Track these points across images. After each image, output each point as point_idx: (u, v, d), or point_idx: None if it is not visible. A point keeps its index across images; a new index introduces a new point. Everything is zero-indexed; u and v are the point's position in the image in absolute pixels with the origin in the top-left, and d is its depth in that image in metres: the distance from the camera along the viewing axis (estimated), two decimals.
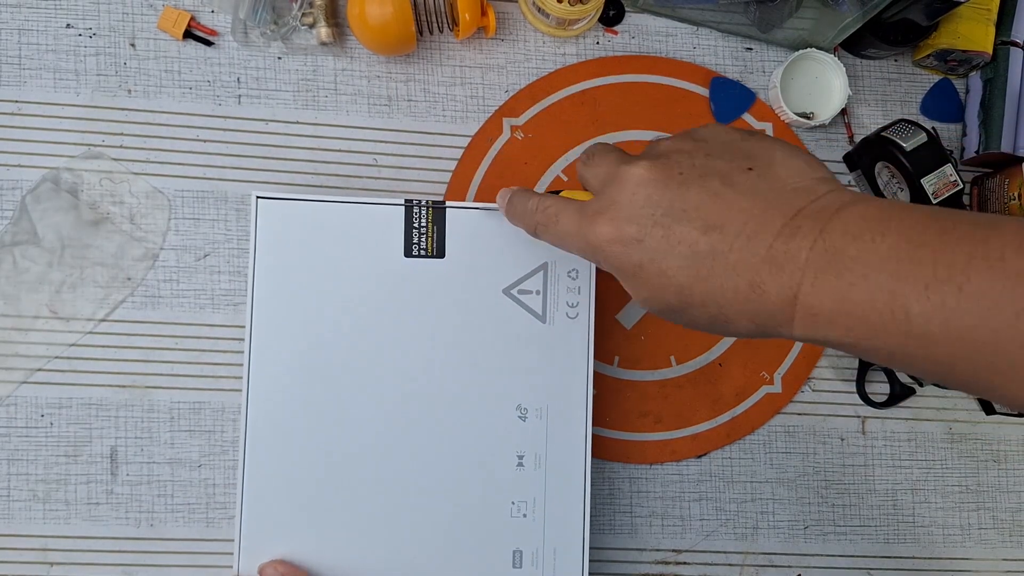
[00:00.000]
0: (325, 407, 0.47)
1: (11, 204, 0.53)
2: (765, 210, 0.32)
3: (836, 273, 0.30)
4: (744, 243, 0.32)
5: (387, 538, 0.47)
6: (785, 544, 0.57)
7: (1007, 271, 0.27)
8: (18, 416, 0.53)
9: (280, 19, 0.55)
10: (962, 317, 0.28)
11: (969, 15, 0.58)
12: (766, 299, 0.32)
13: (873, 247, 0.30)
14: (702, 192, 0.33)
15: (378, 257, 0.48)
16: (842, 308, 0.30)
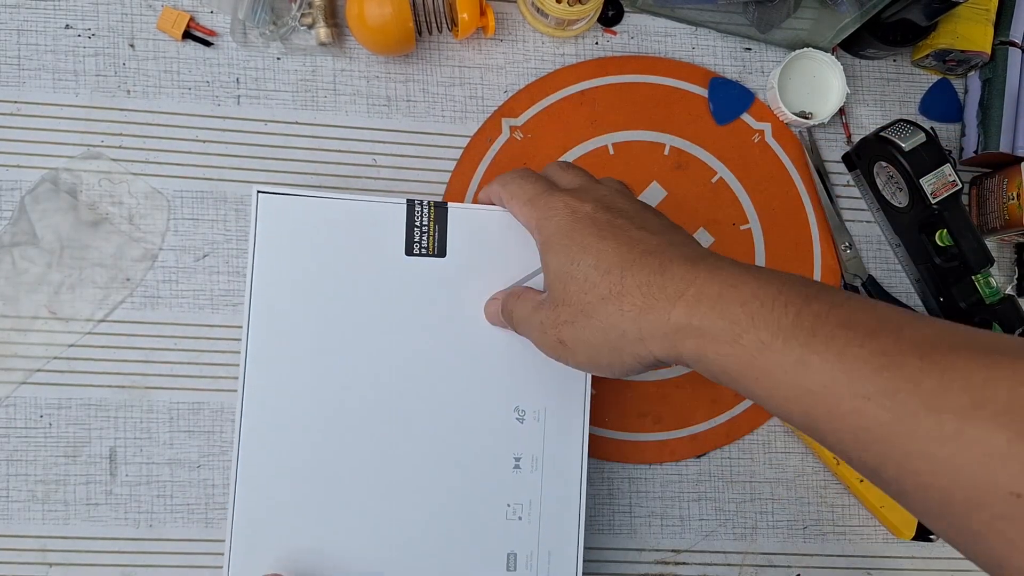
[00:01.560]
0: (321, 406, 0.46)
1: (10, 205, 0.53)
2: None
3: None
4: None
5: (382, 539, 0.46)
6: (784, 544, 0.57)
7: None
8: (17, 417, 0.52)
9: (279, 19, 0.55)
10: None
11: (968, 15, 0.58)
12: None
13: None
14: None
15: (379, 255, 0.47)
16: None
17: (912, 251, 0.59)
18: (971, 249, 0.55)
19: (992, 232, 0.59)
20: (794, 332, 0.31)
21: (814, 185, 0.60)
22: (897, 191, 0.58)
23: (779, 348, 0.32)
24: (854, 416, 0.30)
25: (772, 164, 0.60)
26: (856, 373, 0.30)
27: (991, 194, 0.59)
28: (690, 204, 0.59)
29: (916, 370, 0.28)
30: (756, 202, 0.59)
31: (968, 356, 0.28)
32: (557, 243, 0.39)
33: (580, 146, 0.58)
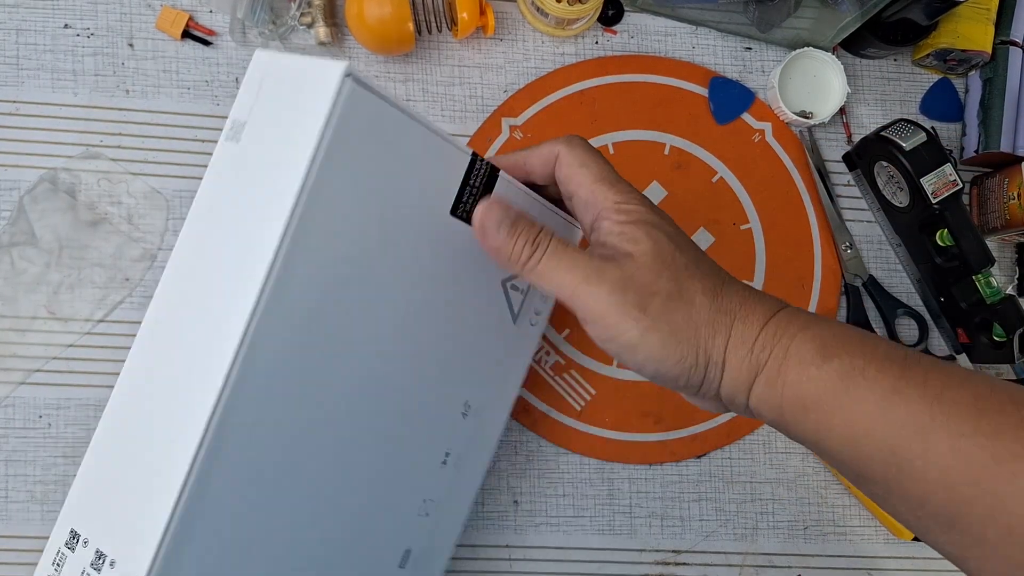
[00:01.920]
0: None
1: (9, 205, 0.53)
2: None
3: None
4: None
5: (301, 517, 0.38)
6: (785, 544, 0.57)
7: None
8: (16, 417, 0.52)
9: (278, 19, 0.55)
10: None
11: (968, 14, 0.58)
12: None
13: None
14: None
15: (428, 207, 0.39)
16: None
17: (913, 251, 0.59)
18: (972, 249, 0.55)
19: (993, 232, 0.59)
20: (887, 364, 0.31)
21: (814, 185, 0.60)
22: (898, 191, 0.58)
23: (872, 375, 0.31)
24: (952, 455, 0.29)
25: (772, 164, 0.59)
26: (955, 413, 0.29)
27: (992, 194, 0.59)
28: (690, 204, 0.58)
29: (1016, 414, 0.29)
30: (756, 202, 0.59)
31: None
32: (656, 223, 0.36)
33: None
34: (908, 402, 0.30)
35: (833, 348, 0.32)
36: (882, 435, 0.31)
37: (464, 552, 0.54)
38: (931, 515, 0.30)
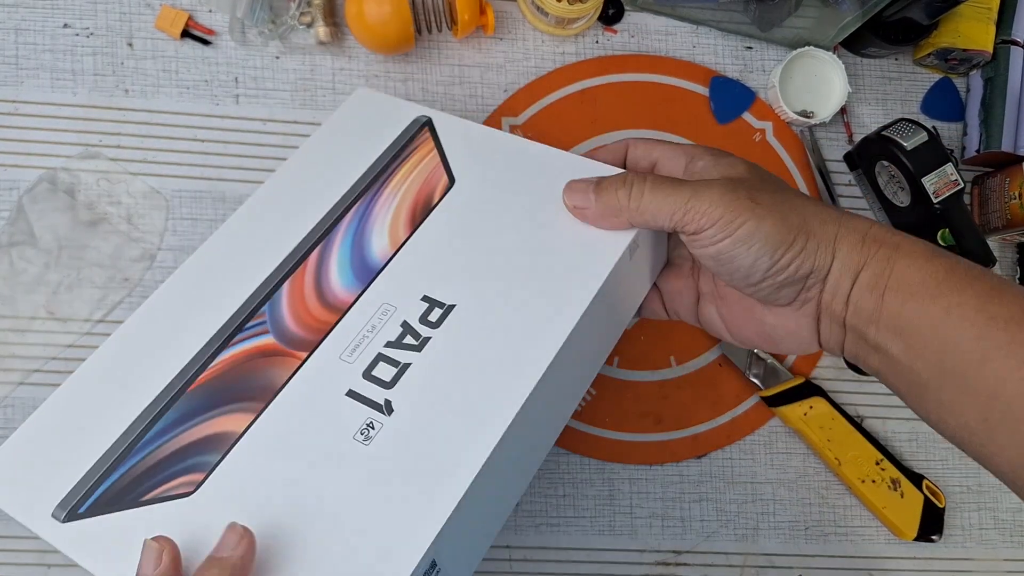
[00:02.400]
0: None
1: (8, 204, 0.53)
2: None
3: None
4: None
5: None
6: (786, 545, 0.57)
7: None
8: (15, 417, 0.52)
9: (278, 18, 0.55)
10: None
11: (970, 14, 0.58)
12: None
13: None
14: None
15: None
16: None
17: None
18: (973, 248, 0.55)
19: (994, 231, 0.59)
20: (985, 272, 0.35)
21: (815, 184, 0.59)
22: (899, 190, 0.58)
23: (974, 276, 0.34)
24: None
25: (773, 163, 0.59)
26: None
27: (993, 193, 0.59)
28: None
29: None
30: None
31: None
32: (747, 160, 0.39)
33: (580, 145, 0.58)
34: (1002, 299, 0.33)
35: (939, 251, 0.35)
36: (975, 322, 0.33)
37: None
38: (1004, 409, 0.32)
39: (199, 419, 0.39)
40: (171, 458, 0.38)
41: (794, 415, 0.56)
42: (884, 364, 0.36)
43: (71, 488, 0.38)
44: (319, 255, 0.44)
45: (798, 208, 0.36)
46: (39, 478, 0.38)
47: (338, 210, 0.45)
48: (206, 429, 0.39)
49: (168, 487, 0.38)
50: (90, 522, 0.37)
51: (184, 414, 0.40)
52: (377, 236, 0.44)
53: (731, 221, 0.36)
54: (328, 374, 0.40)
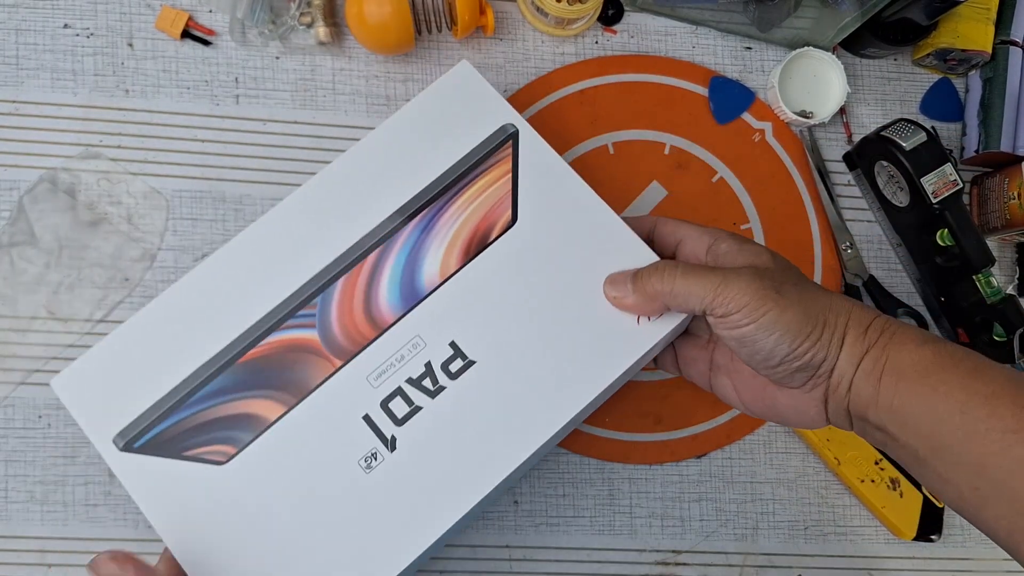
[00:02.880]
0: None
1: (8, 205, 0.53)
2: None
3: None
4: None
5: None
6: (785, 544, 0.57)
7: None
8: (16, 417, 0.52)
9: (278, 19, 0.55)
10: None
11: (968, 14, 0.58)
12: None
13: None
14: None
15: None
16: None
17: (913, 251, 0.59)
18: (972, 248, 0.55)
19: (993, 231, 0.59)
20: (970, 354, 0.38)
21: (815, 184, 0.59)
22: (898, 190, 0.58)
23: (959, 357, 0.37)
24: (1014, 419, 0.34)
25: (773, 163, 0.59)
26: (1021, 387, 0.36)
27: (992, 193, 0.59)
28: (690, 203, 0.58)
29: None
30: (757, 202, 0.59)
31: None
32: (767, 249, 0.43)
33: (580, 145, 0.58)
34: (983, 377, 0.36)
35: (929, 338, 0.39)
36: (958, 400, 0.36)
37: (464, 552, 0.54)
38: (990, 481, 0.35)
39: (240, 394, 0.43)
40: (213, 424, 0.43)
41: None
42: (887, 441, 0.39)
43: (130, 422, 0.43)
44: (376, 259, 0.45)
45: (819, 300, 0.40)
46: (109, 400, 0.43)
47: (407, 211, 0.46)
48: (245, 406, 0.43)
49: (206, 450, 0.43)
50: (140, 458, 0.42)
51: (229, 385, 0.43)
52: (431, 259, 0.46)
53: (756, 308, 0.39)
54: (352, 392, 0.44)
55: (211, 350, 0.43)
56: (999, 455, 0.34)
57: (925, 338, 0.38)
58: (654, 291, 0.42)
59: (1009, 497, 0.34)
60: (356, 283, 0.45)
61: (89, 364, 0.44)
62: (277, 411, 0.43)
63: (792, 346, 0.39)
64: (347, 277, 0.45)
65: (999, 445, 0.34)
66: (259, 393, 0.43)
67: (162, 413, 0.43)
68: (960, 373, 0.37)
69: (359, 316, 0.45)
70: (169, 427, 0.43)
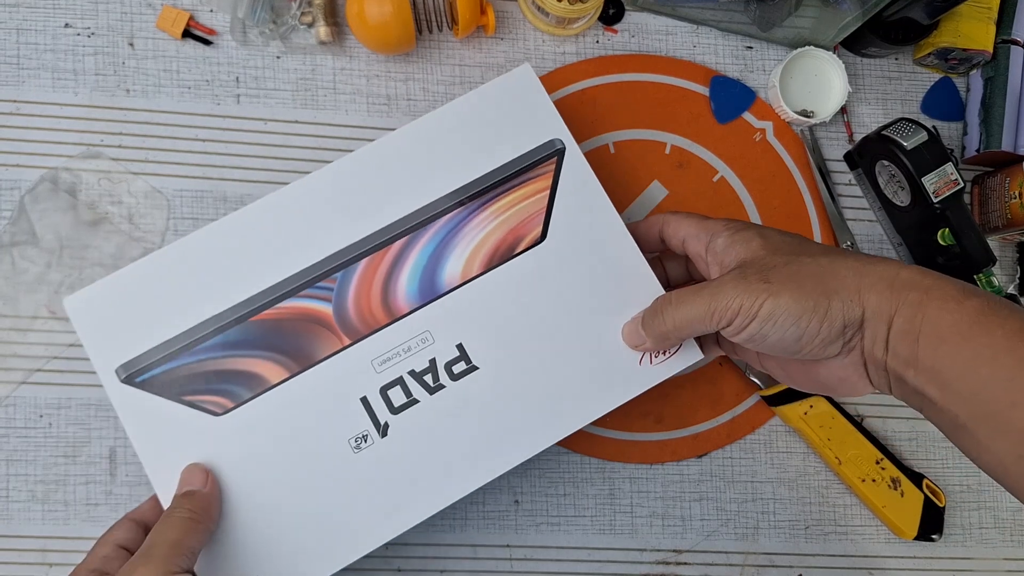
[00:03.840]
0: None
1: (9, 204, 0.53)
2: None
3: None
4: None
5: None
6: (786, 544, 0.57)
7: None
8: (17, 417, 0.52)
9: (279, 18, 0.55)
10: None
11: (970, 13, 0.58)
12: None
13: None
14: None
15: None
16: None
17: (914, 250, 0.59)
18: (973, 248, 0.55)
19: (994, 231, 0.59)
20: (1019, 310, 0.34)
21: (816, 184, 0.59)
22: (899, 190, 0.58)
23: (1005, 315, 0.34)
24: None
25: (773, 163, 0.59)
26: None
27: (993, 193, 0.59)
28: (691, 203, 0.58)
29: None
30: (757, 201, 0.59)
31: None
32: (758, 227, 0.42)
33: (581, 145, 0.57)
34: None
35: (970, 291, 0.35)
36: (1006, 364, 0.33)
37: (464, 552, 0.54)
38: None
39: (247, 352, 0.44)
40: (215, 375, 0.43)
41: (794, 414, 0.56)
42: (925, 406, 0.37)
43: (136, 356, 0.43)
44: (402, 247, 0.46)
45: (813, 272, 0.38)
46: (117, 329, 0.44)
47: (440, 207, 0.46)
48: (248, 364, 0.44)
49: (204, 399, 0.43)
50: (140, 393, 0.43)
51: (237, 341, 0.44)
52: (455, 258, 0.46)
53: (751, 307, 0.38)
54: (355, 373, 0.44)
55: (227, 302, 0.44)
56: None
57: (967, 292, 0.35)
58: (662, 332, 0.43)
59: None
60: (378, 267, 0.45)
61: (105, 290, 0.44)
62: (280, 375, 0.44)
63: (800, 327, 0.37)
64: (370, 259, 0.45)
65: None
66: (265, 355, 0.44)
67: (169, 354, 0.43)
68: (1007, 333, 0.34)
69: (375, 300, 0.45)
70: (173, 369, 0.43)
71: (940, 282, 0.36)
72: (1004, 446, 0.34)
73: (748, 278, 0.39)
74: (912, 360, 0.36)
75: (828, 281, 0.37)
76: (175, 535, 0.38)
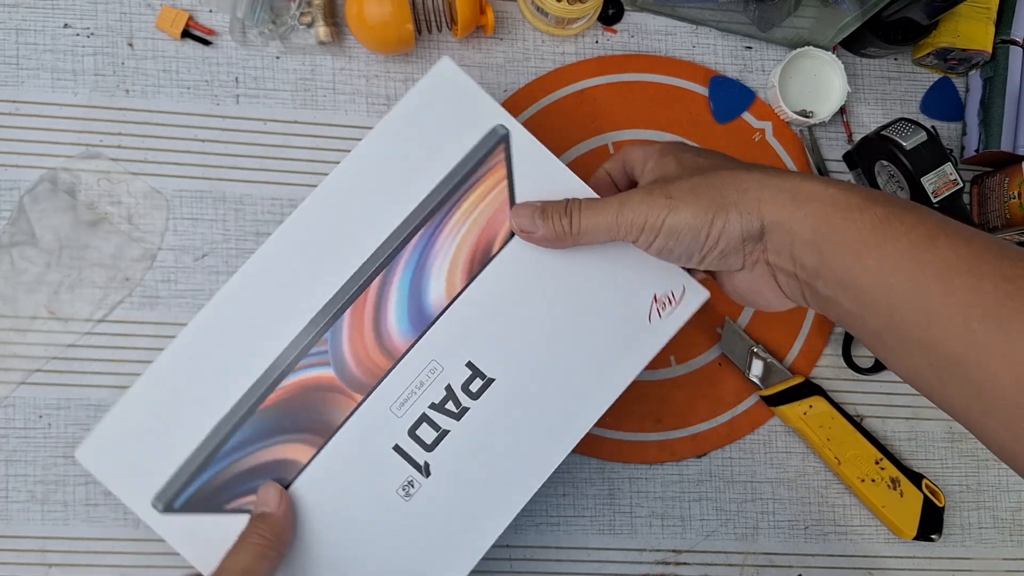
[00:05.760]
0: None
1: (9, 204, 0.53)
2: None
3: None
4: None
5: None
6: (785, 544, 0.57)
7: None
8: (16, 417, 0.52)
9: (278, 18, 0.55)
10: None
11: (969, 14, 0.58)
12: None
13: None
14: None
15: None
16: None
17: None
18: None
19: (994, 231, 0.59)
20: (926, 214, 0.34)
21: None
22: (898, 190, 0.58)
23: (910, 222, 0.34)
24: (972, 294, 0.31)
25: (773, 163, 0.59)
26: (981, 256, 0.32)
27: (992, 193, 0.59)
28: None
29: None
30: None
31: None
32: (683, 147, 0.42)
33: (580, 145, 0.58)
34: (938, 245, 0.33)
35: (876, 198, 0.35)
36: (912, 273, 0.33)
37: None
38: (946, 361, 0.32)
39: (268, 442, 0.43)
40: (247, 474, 0.43)
41: (794, 414, 0.56)
42: (840, 315, 0.37)
43: (164, 484, 0.42)
44: (379, 286, 0.44)
45: (714, 184, 0.38)
46: (136, 464, 0.43)
47: (403, 233, 0.44)
48: (274, 453, 0.43)
49: (246, 500, 0.43)
50: (183, 518, 0.42)
51: (254, 434, 0.43)
52: (435, 279, 0.45)
53: (655, 222, 0.38)
54: (378, 424, 0.44)
55: (229, 401, 0.43)
56: (957, 338, 0.32)
57: (871, 199, 0.35)
58: (563, 232, 0.42)
59: (963, 378, 0.32)
60: (363, 314, 0.44)
61: (109, 430, 0.43)
62: (308, 453, 0.43)
63: (699, 239, 0.38)
64: (352, 309, 0.44)
65: (956, 326, 0.31)
66: (286, 437, 0.43)
67: (194, 471, 0.42)
68: (912, 241, 0.33)
69: (372, 347, 0.44)
70: (205, 483, 0.42)
71: (844, 191, 0.36)
72: (917, 354, 0.34)
73: (652, 192, 0.39)
74: (820, 271, 0.36)
75: (728, 193, 0.37)
76: (246, 562, 0.39)
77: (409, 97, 0.45)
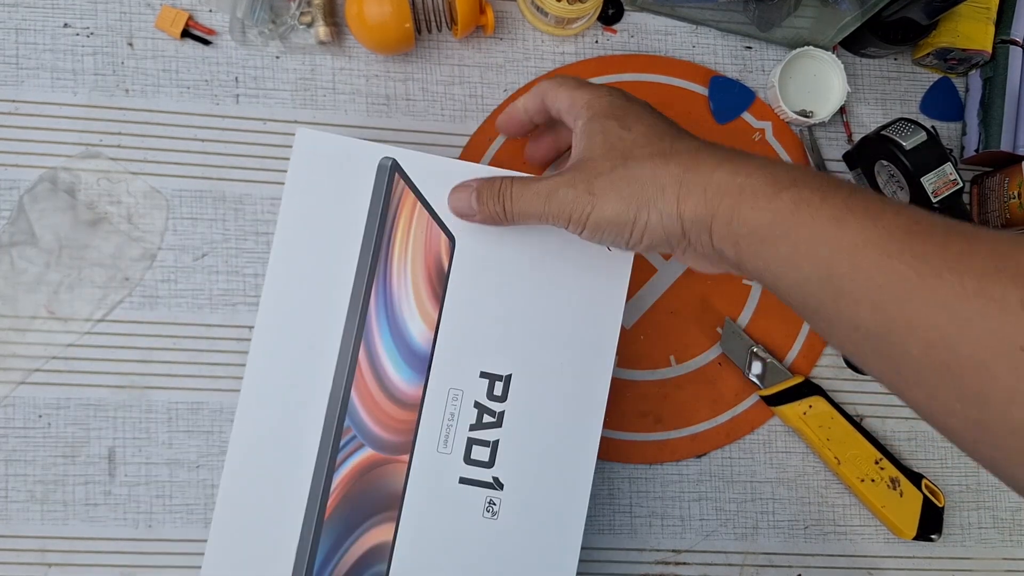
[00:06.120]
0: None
1: (8, 204, 0.53)
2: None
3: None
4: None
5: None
6: (785, 544, 0.57)
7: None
8: (16, 417, 0.52)
9: (278, 18, 0.55)
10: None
11: (969, 14, 0.58)
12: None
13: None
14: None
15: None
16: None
17: None
18: None
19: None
20: (833, 192, 0.34)
21: None
22: (898, 190, 0.58)
23: (817, 204, 0.34)
24: (880, 273, 0.31)
25: None
26: (889, 235, 0.32)
27: (992, 193, 0.59)
28: None
29: (943, 237, 0.31)
30: None
31: (990, 232, 0.31)
32: (611, 113, 0.41)
33: None
34: (845, 227, 0.33)
35: (785, 182, 0.35)
36: (822, 257, 0.33)
37: None
38: (865, 337, 0.32)
39: (349, 541, 0.44)
40: (349, 574, 0.44)
41: (793, 414, 0.56)
42: (774, 293, 0.37)
43: None
44: (367, 354, 0.45)
45: (637, 178, 0.38)
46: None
47: (358, 298, 0.45)
48: (361, 545, 0.44)
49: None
50: None
51: (335, 542, 0.44)
52: (410, 320, 0.45)
53: (579, 218, 0.39)
54: (436, 469, 0.45)
55: (295, 525, 0.44)
56: (870, 317, 0.32)
57: (779, 185, 0.35)
58: (496, 214, 0.43)
59: (886, 354, 0.32)
60: (367, 385, 0.45)
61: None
62: (390, 529, 0.45)
63: (623, 237, 0.39)
64: (356, 387, 0.45)
65: (868, 306, 0.32)
66: (364, 527, 0.44)
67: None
68: (821, 224, 0.33)
69: (391, 409, 0.45)
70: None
71: (752, 180, 0.35)
72: (838, 328, 0.34)
73: (576, 185, 0.39)
74: (739, 261, 0.36)
75: (648, 191, 0.37)
76: None
77: (289, 181, 0.45)
